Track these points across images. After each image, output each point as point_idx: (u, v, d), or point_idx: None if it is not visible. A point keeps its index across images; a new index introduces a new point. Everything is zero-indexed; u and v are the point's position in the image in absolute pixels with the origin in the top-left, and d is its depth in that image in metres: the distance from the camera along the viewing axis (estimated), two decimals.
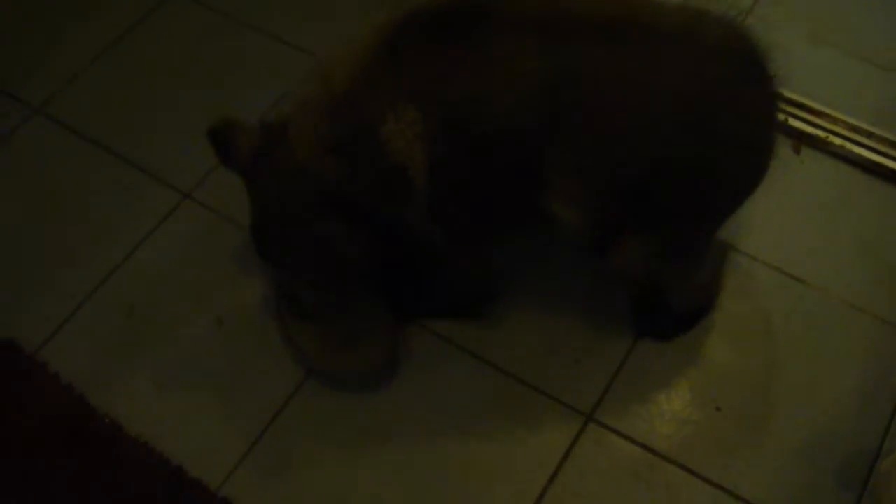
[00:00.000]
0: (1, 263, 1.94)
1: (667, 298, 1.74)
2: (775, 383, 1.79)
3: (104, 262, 1.93)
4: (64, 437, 1.73)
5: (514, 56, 1.40)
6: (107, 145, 2.10)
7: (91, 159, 2.08)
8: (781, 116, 2.06)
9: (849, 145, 2.07)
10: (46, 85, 2.20)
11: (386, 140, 1.43)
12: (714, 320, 1.84)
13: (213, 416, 1.75)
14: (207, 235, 1.96)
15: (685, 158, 1.44)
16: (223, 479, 1.68)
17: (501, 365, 1.79)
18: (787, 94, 2.07)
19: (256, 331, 1.84)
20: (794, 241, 1.95)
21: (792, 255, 1.93)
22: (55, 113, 2.15)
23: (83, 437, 1.73)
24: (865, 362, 1.81)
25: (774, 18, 2.20)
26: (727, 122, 1.43)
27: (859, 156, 2.06)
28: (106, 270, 1.92)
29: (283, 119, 1.54)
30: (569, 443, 1.71)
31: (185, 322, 1.85)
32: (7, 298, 1.89)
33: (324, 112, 1.47)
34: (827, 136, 2.08)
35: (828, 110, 2.11)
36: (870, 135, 2.07)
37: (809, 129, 2.08)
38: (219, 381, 1.79)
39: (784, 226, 1.97)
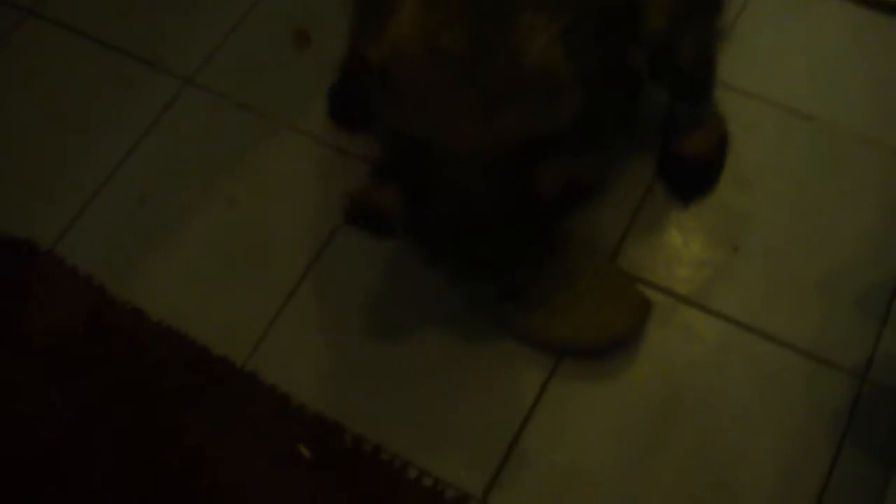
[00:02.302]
0: (7, 165, 1.94)
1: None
2: (790, 221, 1.79)
3: (111, 156, 1.92)
4: (87, 327, 1.74)
5: None
6: (101, 39, 2.07)
7: (88, 54, 2.06)
8: None
9: None
10: None
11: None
12: (726, 162, 1.82)
13: (233, 294, 1.76)
14: (211, 119, 1.95)
15: None
16: (248, 353, 1.69)
17: None
18: None
19: (269, 207, 1.84)
20: (801, 80, 1.93)
21: (799, 93, 1.91)
22: (47, 12, 2.13)
23: (106, 325, 1.74)
24: (881, 194, 1.80)
25: None
26: None
27: None
28: (113, 163, 1.91)
29: None
30: None
31: (197, 206, 1.85)
32: (18, 198, 1.89)
33: None
34: None
35: None
36: None
37: None
38: (236, 259, 1.79)
39: (790, 65, 1.95)
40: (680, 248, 1.76)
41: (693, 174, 1.83)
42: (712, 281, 1.73)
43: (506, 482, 1.57)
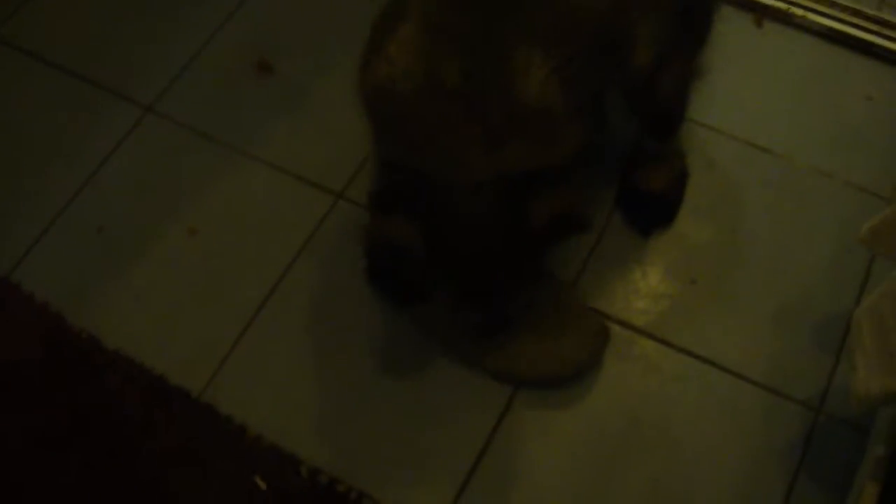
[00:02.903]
0: None
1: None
2: (749, 253, 1.80)
3: (69, 183, 1.91)
4: (42, 355, 1.73)
5: None
6: (63, 65, 2.06)
7: (47, 80, 2.04)
8: None
9: (811, 16, 2.06)
10: None
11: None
12: (685, 196, 1.84)
13: (191, 323, 1.75)
14: (172, 148, 1.95)
15: None
16: (205, 383, 1.68)
17: None
18: None
19: (230, 237, 1.84)
20: (759, 113, 1.95)
21: (757, 126, 1.93)
22: (8, 36, 2.11)
23: (62, 354, 1.73)
24: (837, 226, 1.82)
25: None
26: None
27: (821, 26, 2.05)
28: (72, 191, 1.90)
29: None
30: None
31: (156, 235, 1.84)
32: None
33: None
34: (788, 8, 2.07)
35: None
36: (832, 4, 2.06)
37: (771, 2, 2.07)
38: (194, 288, 1.79)
39: (748, 99, 1.97)
40: (638, 281, 1.77)
41: (653, 208, 1.85)
42: (670, 313, 1.74)
43: None
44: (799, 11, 2.06)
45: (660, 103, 1.67)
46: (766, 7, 2.07)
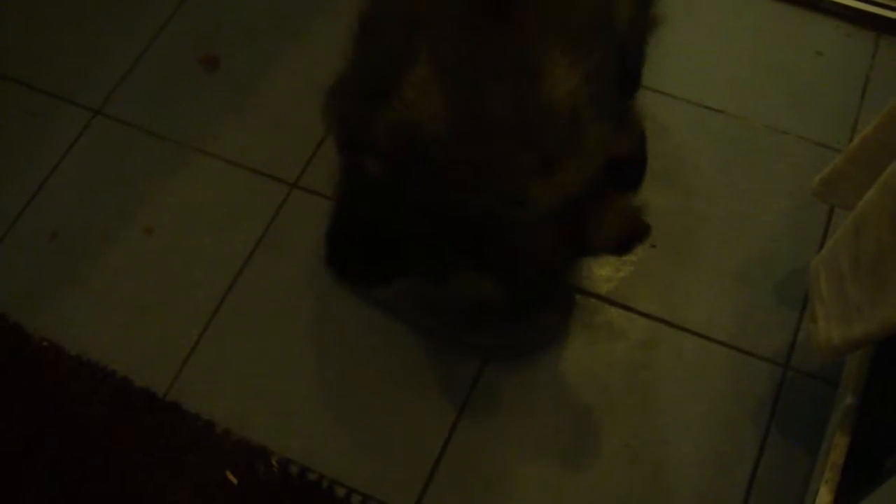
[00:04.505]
0: None
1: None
2: (707, 214, 1.80)
3: (22, 191, 1.89)
4: (5, 366, 1.70)
5: None
6: (6, 74, 2.04)
7: None
8: None
9: None
10: None
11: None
12: None
13: (152, 323, 1.74)
14: (122, 148, 1.93)
15: None
16: (170, 382, 1.67)
17: None
18: None
19: (186, 234, 1.82)
20: (710, 75, 1.95)
21: (709, 88, 1.93)
22: None
23: (23, 363, 1.71)
24: (794, 182, 1.82)
25: None
26: None
27: None
28: (23, 199, 1.88)
29: None
30: None
31: (112, 237, 1.82)
32: None
33: None
34: None
35: None
36: None
37: None
38: (153, 288, 1.77)
39: (698, 61, 1.97)
40: None
41: (623, 173, 1.83)
42: (632, 279, 1.74)
43: (435, 496, 1.56)
44: None
45: (628, 58, 1.62)
46: None
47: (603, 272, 1.74)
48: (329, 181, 1.65)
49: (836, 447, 1.43)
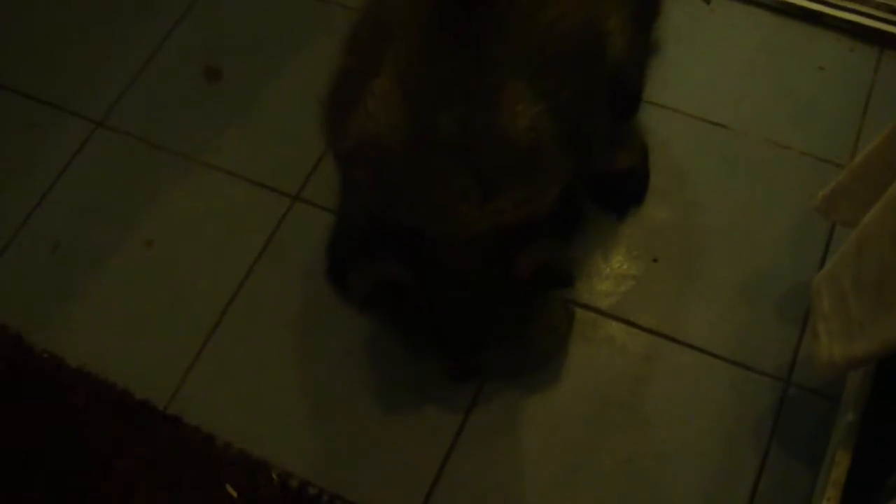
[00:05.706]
0: None
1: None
2: (709, 229, 1.80)
3: (24, 203, 1.89)
4: (6, 377, 1.70)
5: None
6: (7, 85, 2.05)
7: None
8: None
9: None
10: None
11: None
12: None
13: (152, 336, 1.73)
14: (124, 160, 1.93)
15: None
16: (170, 395, 1.67)
17: None
18: None
19: (187, 246, 1.82)
20: (712, 90, 1.95)
21: (711, 102, 1.93)
22: None
23: (25, 375, 1.71)
24: (796, 197, 1.81)
25: None
26: None
27: None
28: (25, 211, 1.88)
29: None
30: None
31: (112, 249, 1.82)
32: None
33: None
34: None
35: None
36: None
37: None
38: (154, 300, 1.77)
39: (700, 76, 1.97)
40: (600, 263, 1.77)
41: (625, 188, 1.84)
42: (633, 294, 1.74)
43: None
44: None
45: (627, 83, 1.64)
46: None
47: (604, 286, 1.74)
48: (331, 194, 1.64)
49: (838, 464, 1.42)
